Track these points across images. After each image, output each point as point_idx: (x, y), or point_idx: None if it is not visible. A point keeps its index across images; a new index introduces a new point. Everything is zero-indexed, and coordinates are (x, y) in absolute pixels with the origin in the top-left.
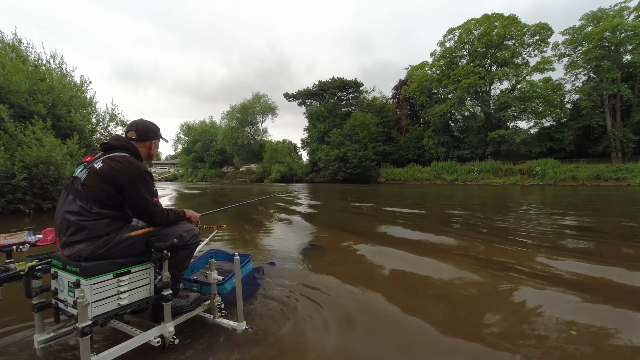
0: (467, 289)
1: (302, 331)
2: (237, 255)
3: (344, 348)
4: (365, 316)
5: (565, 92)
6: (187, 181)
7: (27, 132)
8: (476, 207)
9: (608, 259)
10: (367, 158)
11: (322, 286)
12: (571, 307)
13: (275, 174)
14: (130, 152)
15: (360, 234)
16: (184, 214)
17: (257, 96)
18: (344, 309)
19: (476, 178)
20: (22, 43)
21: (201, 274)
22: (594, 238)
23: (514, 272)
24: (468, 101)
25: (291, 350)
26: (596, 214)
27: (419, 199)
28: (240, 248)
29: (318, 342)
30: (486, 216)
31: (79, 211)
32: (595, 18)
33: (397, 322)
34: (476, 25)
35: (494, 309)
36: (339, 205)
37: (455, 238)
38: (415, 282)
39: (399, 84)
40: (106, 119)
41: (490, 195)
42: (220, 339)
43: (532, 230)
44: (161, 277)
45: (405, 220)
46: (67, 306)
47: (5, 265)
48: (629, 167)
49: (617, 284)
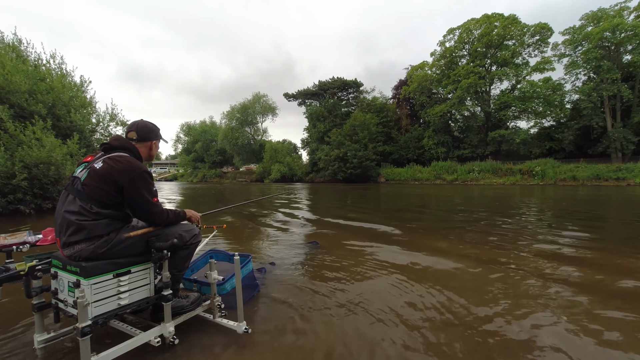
0: (465, 280)
1: (303, 331)
2: (237, 255)
3: (345, 348)
4: (366, 316)
5: (565, 92)
6: (187, 181)
7: (27, 132)
8: (479, 212)
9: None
10: (367, 158)
11: (323, 286)
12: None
13: (275, 174)
14: (130, 152)
15: (361, 233)
16: (184, 214)
17: (257, 96)
18: (345, 308)
19: (476, 178)
20: (22, 43)
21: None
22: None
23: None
24: (468, 101)
25: (291, 351)
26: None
27: (420, 207)
28: (240, 248)
29: (318, 342)
30: (486, 222)
31: (79, 211)
32: (595, 18)
33: (397, 323)
34: (476, 25)
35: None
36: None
37: (458, 244)
38: (420, 277)
39: (399, 84)
40: (106, 119)
41: (492, 196)
42: (220, 339)
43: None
44: (161, 277)
45: (407, 222)
46: (67, 306)
47: (5, 265)
48: (629, 167)
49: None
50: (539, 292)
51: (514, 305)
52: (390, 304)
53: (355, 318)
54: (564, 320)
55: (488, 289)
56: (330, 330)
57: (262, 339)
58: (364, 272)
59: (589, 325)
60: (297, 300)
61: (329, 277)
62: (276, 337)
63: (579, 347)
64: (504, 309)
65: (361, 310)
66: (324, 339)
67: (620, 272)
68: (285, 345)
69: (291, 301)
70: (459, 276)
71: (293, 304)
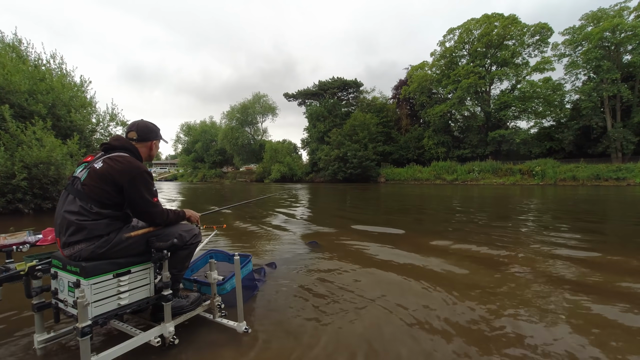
0: (465, 280)
1: (303, 331)
2: (237, 255)
3: (345, 348)
4: (365, 316)
5: (565, 92)
6: (187, 181)
7: (28, 132)
8: (479, 213)
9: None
10: (367, 158)
11: (322, 286)
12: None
13: (275, 174)
14: (130, 152)
15: (361, 233)
16: (184, 214)
17: (257, 96)
18: (345, 309)
19: (476, 178)
20: (22, 43)
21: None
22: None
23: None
24: (468, 101)
25: (291, 351)
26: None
27: (420, 207)
28: (240, 248)
29: (318, 342)
30: (485, 223)
31: (79, 211)
32: (595, 18)
33: (397, 323)
34: (476, 25)
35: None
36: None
37: (458, 243)
38: (420, 277)
39: (399, 84)
40: (106, 119)
41: (492, 196)
42: (220, 339)
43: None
44: (161, 277)
45: (410, 225)
46: (67, 306)
47: (5, 265)
48: (629, 167)
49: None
50: (545, 294)
51: (519, 306)
52: (390, 304)
53: (354, 318)
54: (567, 323)
55: (492, 291)
56: (330, 331)
57: (262, 339)
58: (364, 273)
59: (593, 330)
60: (297, 300)
61: (329, 277)
62: (276, 337)
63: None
64: (509, 313)
65: (361, 311)
66: (323, 339)
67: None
68: (285, 345)
69: (291, 301)
70: (459, 276)
71: (293, 304)
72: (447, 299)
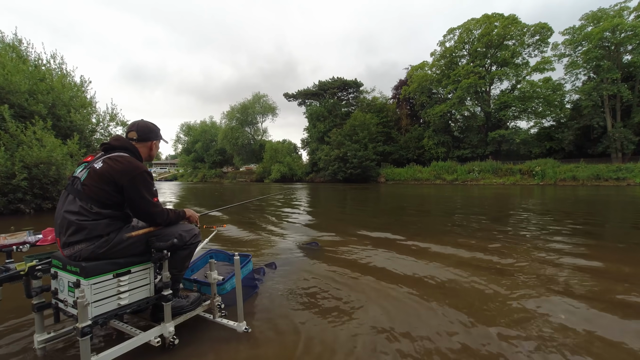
0: (465, 281)
1: (303, 331)
2: (237, 255)
3: (344, 348)
4: (365, 317)
5: (565, 92)
6: (187, 181)
7: (28, 133)
8: (479, 213)
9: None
10: (367, 158)
11: (322, 286)
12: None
13: (275, 174)
14: (130, 152)
15: (361, 234)
16: (184, 213)
17: (257, 96)
18: (344, 310)
19: (476, 178)
20: (22, 43)
21: (201, 274)
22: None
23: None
24: (468, 101)
25: (291, 351)
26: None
27: (420, 207)
28: (240, 248)
29: (318, 342)
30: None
31: (79, 211)
32: (595, 18)
33: (397, 322)
34: (476, 25)
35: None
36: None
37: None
38: (420, 283)
39: (399, 84)
40: (106, 119)
41: (492, 196)
42: (220, 339)
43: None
44: (161, 277)
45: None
46: (67, 306)
47: (5, 265)
48: (629, 167)
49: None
50: (548, 296)
51: (521, 313)
52: (390, 304)
53: (354, 319)
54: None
55: (493, 296)
56: (330, 331)
57: (262, 339)
58: (364, 273)
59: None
60: (297, 300)
61: (329, 277)
62: (276, 337)
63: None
64: (510, 319)
65: (360, 312)
66: (323, 339)
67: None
68: (285, 345)
69: (291, 301)
70: (459, 277)
71: (293, 304)
72: (442, 303)
